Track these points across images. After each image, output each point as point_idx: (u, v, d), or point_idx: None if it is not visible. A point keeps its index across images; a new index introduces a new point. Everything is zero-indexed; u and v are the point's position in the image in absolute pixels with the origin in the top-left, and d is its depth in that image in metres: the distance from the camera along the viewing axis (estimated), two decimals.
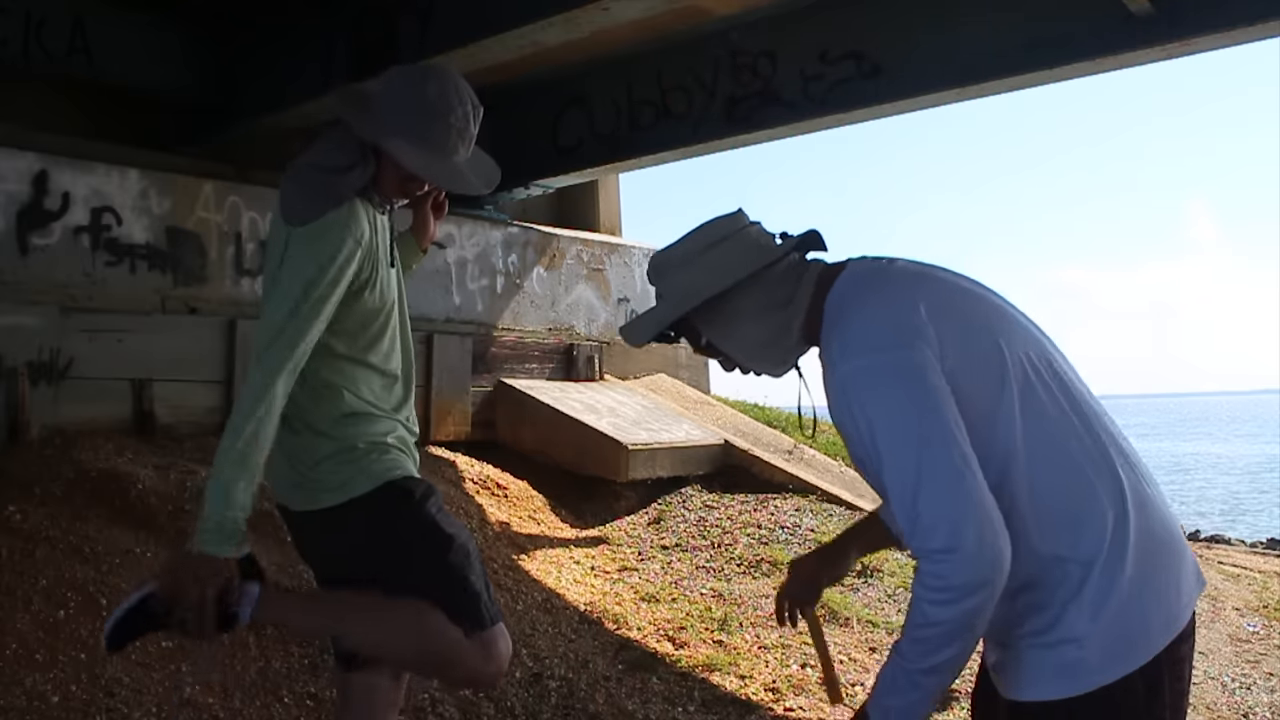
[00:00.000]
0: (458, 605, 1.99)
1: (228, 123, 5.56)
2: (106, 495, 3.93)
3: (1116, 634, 1.45)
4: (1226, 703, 3.99)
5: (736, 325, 1.63)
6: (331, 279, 1.91)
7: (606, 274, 7.35)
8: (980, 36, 4.53)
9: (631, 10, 3.96)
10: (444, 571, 2.00)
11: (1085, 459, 1.51)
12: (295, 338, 1.90)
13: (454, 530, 2.05)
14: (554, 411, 6.07)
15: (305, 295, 1.90)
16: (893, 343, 1.50)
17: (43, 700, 2.82)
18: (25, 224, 4.62)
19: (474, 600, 2.00)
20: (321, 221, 1.92)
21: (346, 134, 2.00)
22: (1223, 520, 17.25)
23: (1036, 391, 1.52)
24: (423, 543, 2.01)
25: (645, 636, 4.20)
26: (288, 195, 1.98)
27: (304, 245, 1.92)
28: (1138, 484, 1.52)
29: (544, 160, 6.20)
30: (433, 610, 1.97)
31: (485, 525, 4.97)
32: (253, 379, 1.90)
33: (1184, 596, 1.52)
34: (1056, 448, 1.50)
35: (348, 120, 1.99)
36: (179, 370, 4.96)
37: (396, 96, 1.98)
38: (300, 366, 1.92)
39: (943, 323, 1.52)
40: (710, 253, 1.62)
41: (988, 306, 1.61)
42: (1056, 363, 1.58)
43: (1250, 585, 5.66)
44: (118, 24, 5.23)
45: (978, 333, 1.54)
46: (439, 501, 2.08)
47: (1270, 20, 3.91)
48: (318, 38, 5.03)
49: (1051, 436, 1.50)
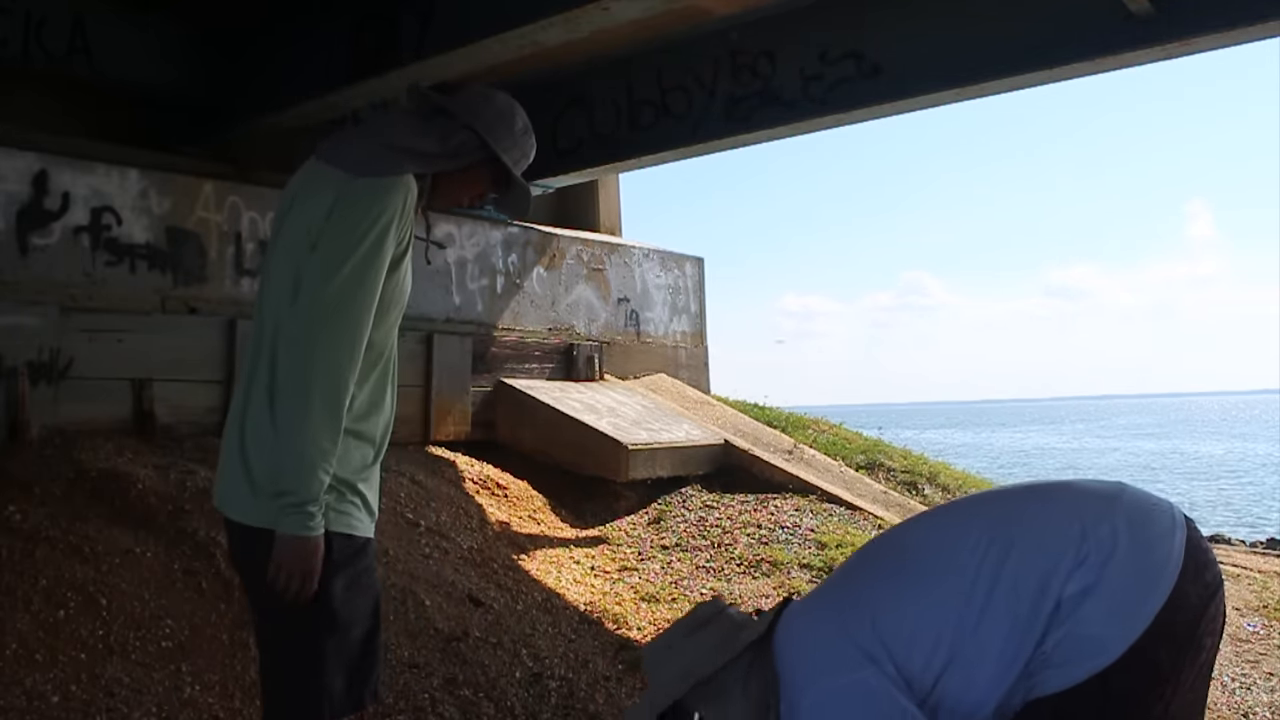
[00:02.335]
0: (298, 688, 1.89)
1: (228, 122, 5.56)
2: (106, 495, 3.93)
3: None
4: (1226, 703, 3.98)
5: (726, 704, 1.73)
6: (382, 234, 1.85)
7: (606, 274, 7.35)
8: (980, 36, 4.53)
9: (631, 10, 3.96)
10: (304, 650, 1.88)
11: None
12: (355, 298, 1.82)
13: (347, 612, 1.90)
14: (554, 411, 6.07)
15: (360, 250, 1.83)
16: (833, 671, 1.64)
17: (43, 700, 2.82)
18: (25, 224, 4.62)
19: (317, 695, 1.87)
20: (381, 180, 1.89)
21: (443, 123, 2.01)
22: (1223, 520, 17.25)
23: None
24: (302, 612, 1.85)
25: (645, 636, 4.20)
26: (352, 149, 1.94)
27: (361, 199, 1.87)
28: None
29: (544, 160, 6.15)
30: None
31: (485, 525, 4.98)
32: (297, 358, 1.80)
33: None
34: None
35: (469, 120, 2.01)
36: (179, 370, 4.96)
37: (508, 122, 2.05)
38: (363, 338, 1.84)
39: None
40: (696, 636, 1.76)
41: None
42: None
43: (1250, 585, 5.66)
44: (118, 24, 5.22)
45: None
46: (358, 571, 1.93)
47: (1270, 20, 3.91)
48: (318, 37, 5.02)
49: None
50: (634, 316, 7.52)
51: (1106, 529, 1.60)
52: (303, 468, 1.78)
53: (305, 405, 1.79)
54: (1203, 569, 1.62)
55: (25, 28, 4.91)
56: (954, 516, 1.83)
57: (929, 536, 1.77)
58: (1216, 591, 1.63)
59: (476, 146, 2.02)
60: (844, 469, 6.55)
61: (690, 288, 8.07)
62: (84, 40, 5.11)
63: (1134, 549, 1.59)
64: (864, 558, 1.86)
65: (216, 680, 3.15)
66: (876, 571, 1.77)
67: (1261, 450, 39.46)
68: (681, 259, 8.04)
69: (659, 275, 7.79)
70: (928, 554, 1.71)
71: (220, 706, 3.06)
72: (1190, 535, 1.64)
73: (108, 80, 5.27)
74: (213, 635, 3.33)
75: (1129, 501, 1.67)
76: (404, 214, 1.91)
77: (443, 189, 2.06)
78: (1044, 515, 1.67)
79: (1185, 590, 1.58)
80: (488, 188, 2.10)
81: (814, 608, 1.77)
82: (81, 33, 5.10)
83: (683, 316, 7.97)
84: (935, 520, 1.85)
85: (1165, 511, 1.67)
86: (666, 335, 7.81)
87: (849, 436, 7.65)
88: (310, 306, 1.82)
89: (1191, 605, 1.58)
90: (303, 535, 1.80)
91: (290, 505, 1.79)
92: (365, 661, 1.95)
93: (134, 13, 5.27)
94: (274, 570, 1.81)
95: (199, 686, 3.10)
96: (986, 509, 1.79)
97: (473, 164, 2.04)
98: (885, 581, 1.71)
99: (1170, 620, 1.56)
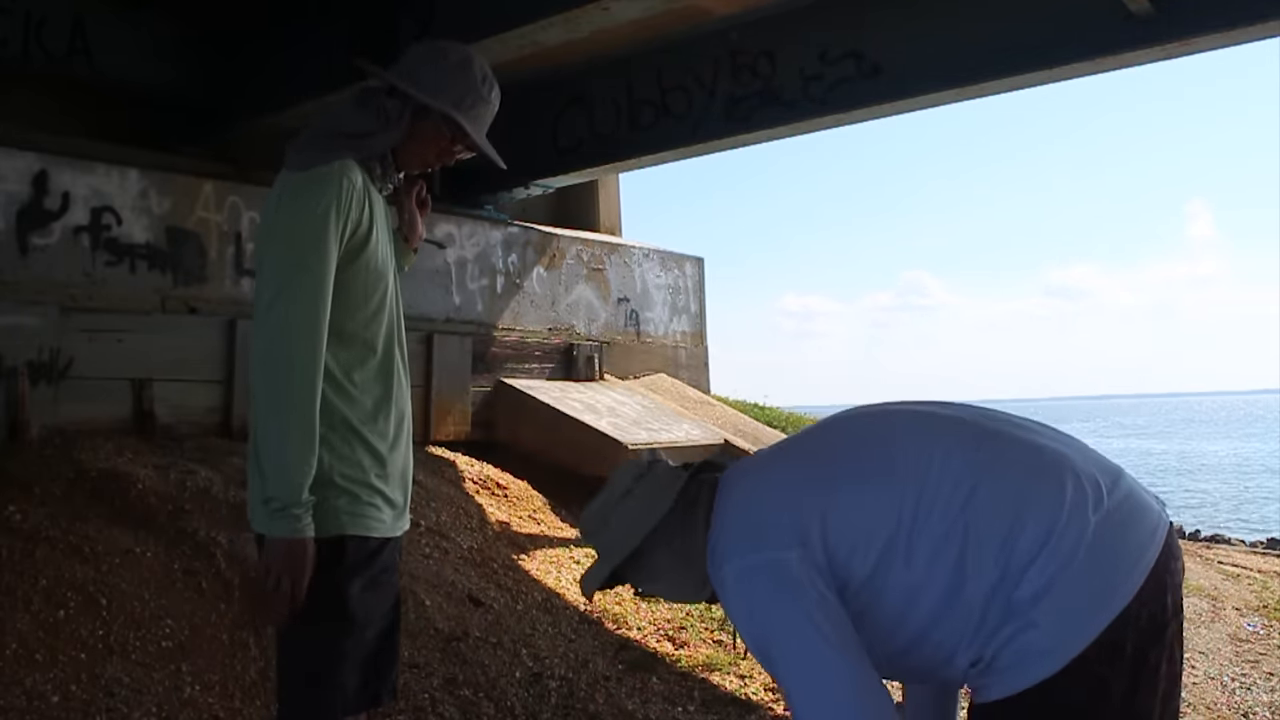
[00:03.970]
0: (312, 685, 1.89)
1: (228, 123, 5.56)
2: (106, 495, 3.93)
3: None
4: (1226, 703, 3.99)
5: (656, 573, 1.75)
6: (319, 226, 1.84)
7: (606, 274, 7.35)
8: (980, 36, 4.54)
9: (631, 10, 3.96)
10: (320, 649, 1.88)
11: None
12: (299, 292, 1.81)
13: (364, 612, 1.91)
14: (554, 411, 6.07)
15: (300, 245, 1.83)
16: (757, 545, 1.60)
17: (43, 700, 2.82)
18: (25, 224, 4.62)
19: (329, 693, 1.88)
20: (308, 173, 1.88)
21: (376, 98, 1.98)
22: (1223, 520, 17.24)
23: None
24: (318, 612, 1.86)
25: (645, 636, 4.20)
26: (296, 149, 1.94)
27: (291, 197, 1.88)
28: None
29: (544, 160, 6.21)
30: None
31: (485, 525, 4.98)
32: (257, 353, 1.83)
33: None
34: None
35: (399, 83, 1.96)
36: (179, 370, 4.96)
37: (444, 69, 1.99)
38: (321, 327, 1.83)
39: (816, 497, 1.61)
40: (620, 506, 1.75)
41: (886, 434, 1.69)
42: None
43: (1250, 585, 5.66)
44: (117, 24, 5.23)
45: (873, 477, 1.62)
46: (375, 571, 1.93)
47: (1270, 20, 3.92)
48: (317, 38, 5.03)
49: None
50: (634, 316, 7.53)
51: (1075, 531, 1.49)
52: (281, 473, 1.80)
53: (273, 414, 1.81)
54: (1165, 590, 1.52)
55: (25, 28, 4.92)
56: (941, 431, 1.67)
57: (909, 441, 1.65)
58: (1177, 614, 1.54)
59: (403, 102, 1.97)
60: None
61: (690, 288, 8.07)
62: (84, 40, 5.11)
63: (1100, 554, 1.49)
64: (834, 434, 1.78)
65: (216, 680, 3.15)
66: (844, 455, 1.69)
67: (1262, 450, 39.45)
68: (681, 259, 8.05)
69: (659, 275, 7.79)
70: (902, 458, 1.61)
71: (220, 706, 3.06)
72: (1164, 551, 1.53)
73: (108, 80, 5.28)
74: (213, 635, 3.33)
75: (1117, 499, 1.56)
76: (346, 199, 1.87)
77: (401, 159, 2.04)
78: (1027, 486, 1.54)
79: (1141, 609, 1.48)
80: (448, 141, 2.03)
81: (768, 473, 1.73)
82: (81, 33, 5.10)
83: (683, 316, 7.97)
84: (920, 425, 1.70)
85: (1149, 519, 1.55)
86: (666, 335, 7.81)
87: None
88: (265, 314, 1.83)
89: (1146, 624, 1.49)
90: (289, 537, 1.81)
91: (275, 510, 1.81)
92: (382, 659, 1.96)
93: (134, 13, 5.27)
94: (263, 572, 1.83)
95: (199, 686, 3.10)
96: (977, 445, 1.63)
97: (412, 122, 1.98)
98: (849, 468, 1.65)
99: (1120, 637, 1.46)
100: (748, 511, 1.65)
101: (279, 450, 1.81)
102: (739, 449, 6.32)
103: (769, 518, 1.61)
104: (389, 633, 1.98)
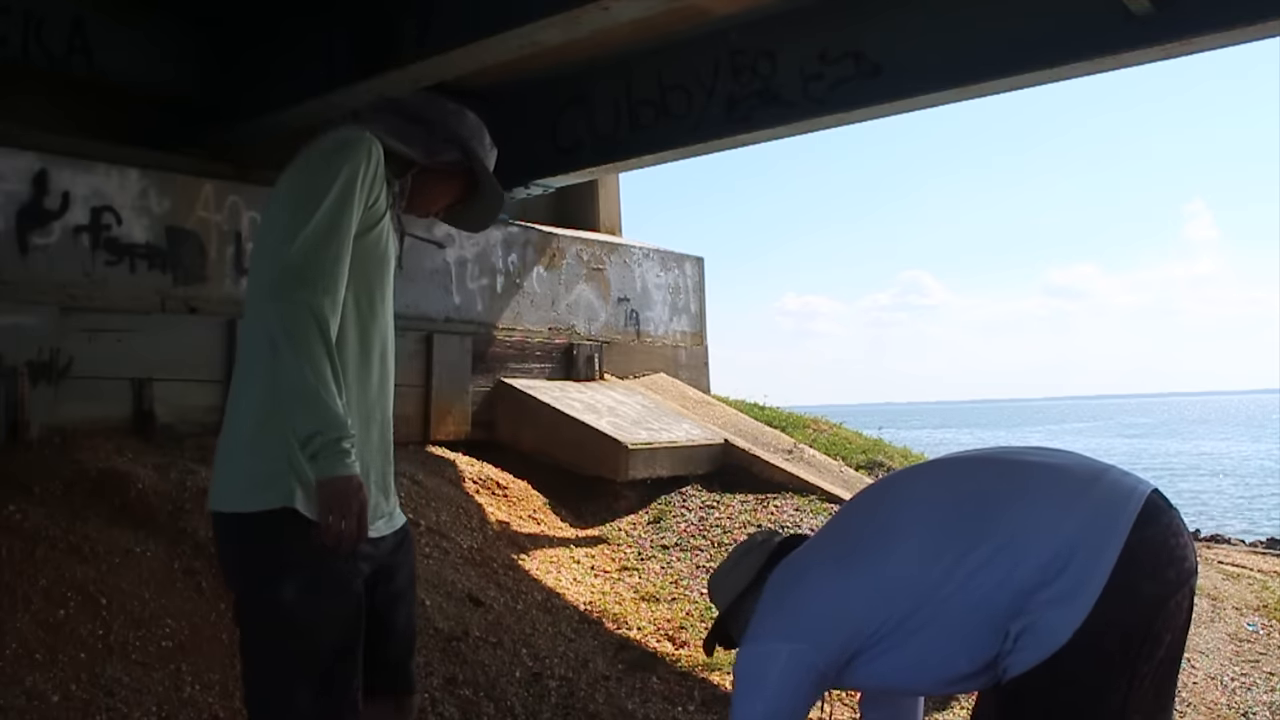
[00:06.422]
0: (259, 696, 1.83)
1: (228, 122, 5.55)
2: (106, 495, 3.93)
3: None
4: (1226, 703, 3.99)
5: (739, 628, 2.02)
6: (345, 188, 1.82)
7: (606, 274, 7.35)
8: (980, 36, 4.53)
9: (631, 10, 3.96)
10: (264, 655, 1.82)
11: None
12: (325, 243, 1.78)
13: (306, 615, 1.79)
14: (554, 411, 6.07)
15: (321, 204, 1.80)
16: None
17: (43, 700, 2.82)
18: (25, 224, 4.62)
19: (279, 706, 1.80)
20: (350, 133, 1.89)
21: (431, 129, 2.05)
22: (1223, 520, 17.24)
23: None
24: (256, 613, 1.81)
25: (645, 636, 4.20)
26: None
27: (326, 149, 1.87)
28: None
29: (544, 160, 6.20)
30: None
31: (485, 525, 4.98)
32: (264, 328, 1.78)
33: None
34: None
35: (453, 129, 2.04)
36: (179, 370, 4.95)
37: (475, 131, 2.08)
38: (335, 303, 1.78)
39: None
40: (733, 571, 2.05)
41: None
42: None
43: (1250, 585, 5.67)
44: (117, 23, 5.21)
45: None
46: (318, 571, 1.79)
47: (1270, 20, 3.91)
48: (318, 37, 5.02)
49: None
50: (634, 316, 7.52)
51: (1065, 537, 1.64)
52: (316, 404, 1.70)
53: (300, 348, 1.73)
54: (1166, 564, 1.62)
55: (25, 28, 4.90)
56: (940, 500, 1.86)
57: (912, 525, 1.83)
58: (1179, 588, 1.62)
59: (458, 153, 2.06)
60: (844, 469, 6.56)
61: (690, 287, 8.07)
62: (83, 40, 5.10)
63: (1095, 541, 1.61)
64: (853, 521, 2.01)
65: (216, 680, 3.15)
66: (857, 542, 1.91)
67: (1262, 450, 39.44)
68: (681, 259, 8.04)
69: (659, 275, 7.79)
70: (903, 539, 1.81)
71: (220, 706, 3.06)
72: (1160, 528, 1.64)
73: (107, 80, 5.27)
74: (213, 635, 3.33)
75: (1102, 491, 1.68)
76: (371, 172, 1.87)
77: (419, 187, 2.07)
78: (1024, 523, 1.69)
79: (1139, 582, 1.58)
80: (459, 194, 2.13)
81: (803, 561, 1.96)
82: (81, 32, 5.09)
83: (683, 316, 7.97)
84: (920, 495, 1.91)
85: (1135, 502, 1.65)
86: (666, 335, 7.80)
87: (849, 436, 7.66)
88: (287, 254, 1.77)
89: (1146, 597, 1.59)
90: (342, 475, 1.71)
91: (323, 447, 1.70)
92: (341, 669, 1.82)
93: (134, 12, 5.26)
94: (323, 518, 1.72)
95: (199, 686, 3.10)
96: (970, 503, 1.80)
97: (452, 168, 2.07)
98: (865, 549, 1.87)
99: (1119, 610, 1.57)
100: (773, 599, 1.94)
101: (315, 381, 1.70)
102: (739, 449, 6.32)
103: (782, 610, 1.90)
104: (349, 647, 1.83)
